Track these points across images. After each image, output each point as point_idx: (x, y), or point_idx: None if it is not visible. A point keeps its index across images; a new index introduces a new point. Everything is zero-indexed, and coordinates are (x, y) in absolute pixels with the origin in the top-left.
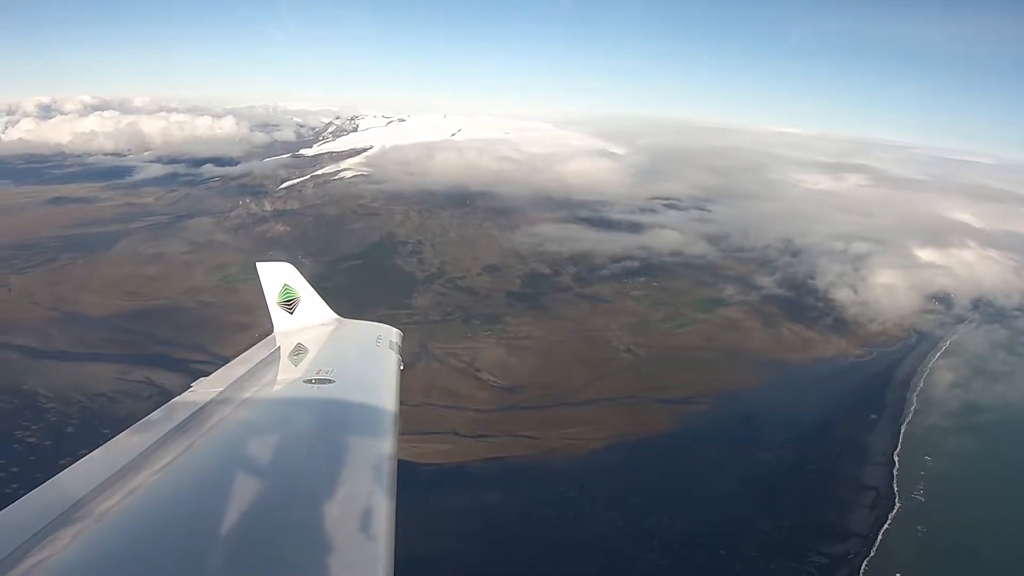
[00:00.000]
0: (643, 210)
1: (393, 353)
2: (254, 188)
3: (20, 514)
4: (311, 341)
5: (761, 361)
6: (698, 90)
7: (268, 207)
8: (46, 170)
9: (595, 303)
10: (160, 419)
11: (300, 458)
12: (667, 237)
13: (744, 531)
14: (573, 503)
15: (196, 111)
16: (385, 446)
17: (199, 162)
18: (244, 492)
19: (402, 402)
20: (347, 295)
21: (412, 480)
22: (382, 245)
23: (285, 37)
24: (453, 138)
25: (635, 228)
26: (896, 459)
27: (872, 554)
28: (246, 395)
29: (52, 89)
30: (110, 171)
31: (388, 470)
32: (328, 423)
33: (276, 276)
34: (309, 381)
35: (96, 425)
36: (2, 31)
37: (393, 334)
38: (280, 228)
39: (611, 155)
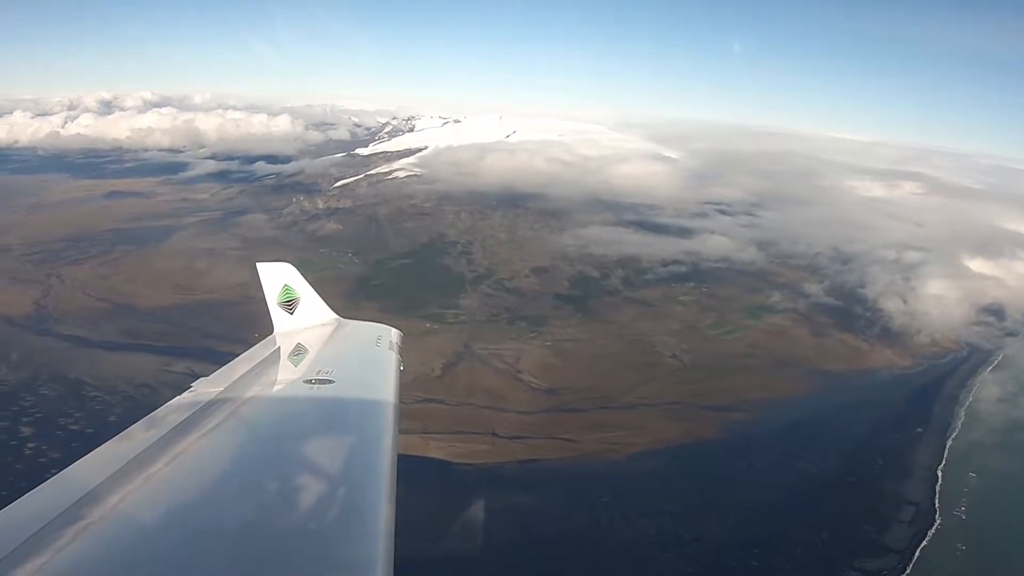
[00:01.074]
0: (694, 215)
1: (393, 353)
2: (308, 186)
3: (20, 513)
4: (311, 341)
5: (807, 370)
6: (758, 95)
7: (321, 205)
8: (104, 165)
9: (642, 307)
10: (160, 419)
11: (300, 458)
12: (716, 242)
13: (779, 542)
14: (607, 508)
15: (254, 109)
16: (385, 446)
17: (253, 159)
18: (244, 492)
19: (442, 401)
20: (395, 294)
21: (447, 479)
22: (432, 245)
23: (345, 37)
24: (507, 140)
25: (685, 233)
26: (939, 474)
27: (908, 571)
28: (246, 395)
29: (114, 85)
30: (165, 167)
31: (388, 470)
32: (328, 423)
33: (276, 276)
34: (309, 381)
35: (138, 414)
36: (67, 27)
37: (393, 334)
38: (332, 226)
39: (664, 159)
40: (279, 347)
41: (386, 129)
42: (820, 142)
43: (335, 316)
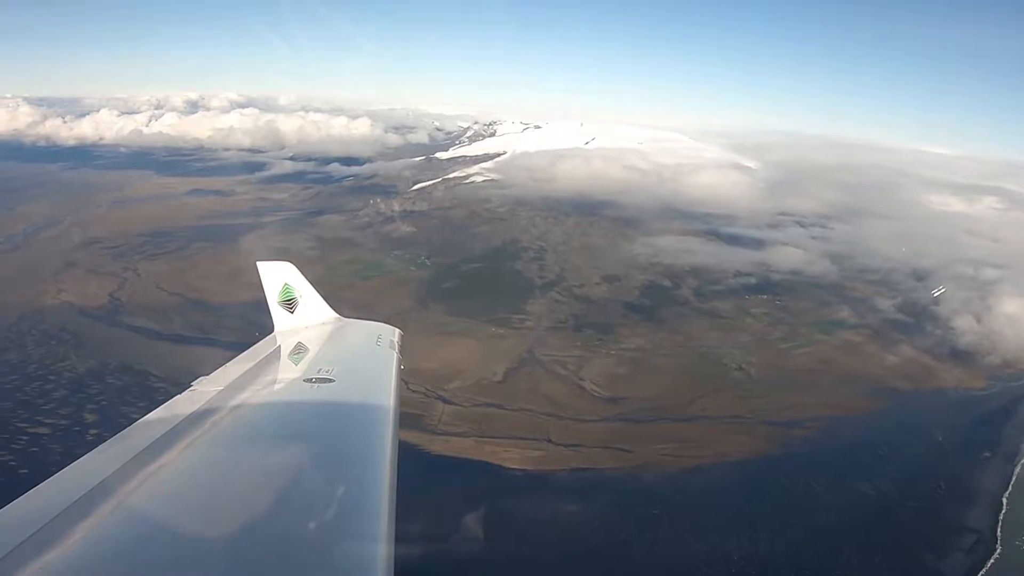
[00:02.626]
0: (768, 225)
1: (393, 352)
2: (386, 188)
3: (22, 511)
4: (311, 340)
5: (875, 387)
6: (846, 106)
7: (397, 207)
8: (188, 163)
9: (713, 318)
10: (161, 418)
11: (300, 457)
12: (790, 254)
13: (829, 564)
14: (654, 521)
15: (338, 111)
16: (385, 445)
17: (330, 161)
18: (244, 491)
19: (501, 406)
20: (464, 297)
21: (496, 484)
22: (504, 250)
23: (432, 41)
24: (586, 146)
25: (759, 244)
26: (1004, 502)
27: None
28: (246, 394)
29: (202, 85)
30: (245, 166)
31: (388, 469)
32: (328, 422)
33: (277, 275)
34: (309, 380)
35: None
36: (159, 29)
37: (393, 333)
38: (406, 228)
39: (742, 168)
40: (279, 346)
41: (467, 134)
42: (903, 155)
43: (335, 315)
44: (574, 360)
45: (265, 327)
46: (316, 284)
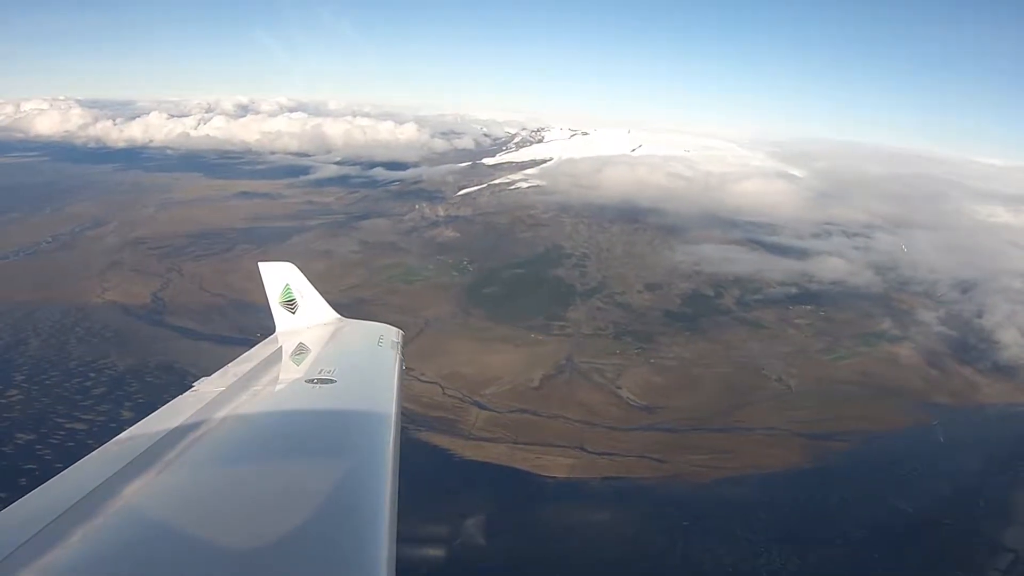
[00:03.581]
0: (813, 235)
1: (395, 353)
2: (432, 193)
3: (22, 512)
4: (313, 341)
5: (916, 401)
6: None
7: (442, 212)
8: (236, 166)
9: (754, 328)
10: (162, 418)
11: (301, 458)
12: (834, 264)
13: None
14: (684, 532)
15: (386, 116)
16: (387, 446)
17: (375, 165)
18: (245, 492)
19: (536, 412)
20: (504, 303)
21: (527, 491)
22: (547, 256)
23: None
24: (632, 153)
25: (803, 253)
26: None
27: None
28: (247, 395)
29: (252, 90)
30: (291, 170)
31: (390, 470)
32: (329, 423)
33: (278, 276)
34: (311, 381)
35: None
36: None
37: (394, 334)
38: (450, 233)
39: (788, 177)
40: (281, 346)
41: (515, 140)
42: (954, 165)
43: (336, 315)
44: (612, 368)
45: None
46: (357, 288)
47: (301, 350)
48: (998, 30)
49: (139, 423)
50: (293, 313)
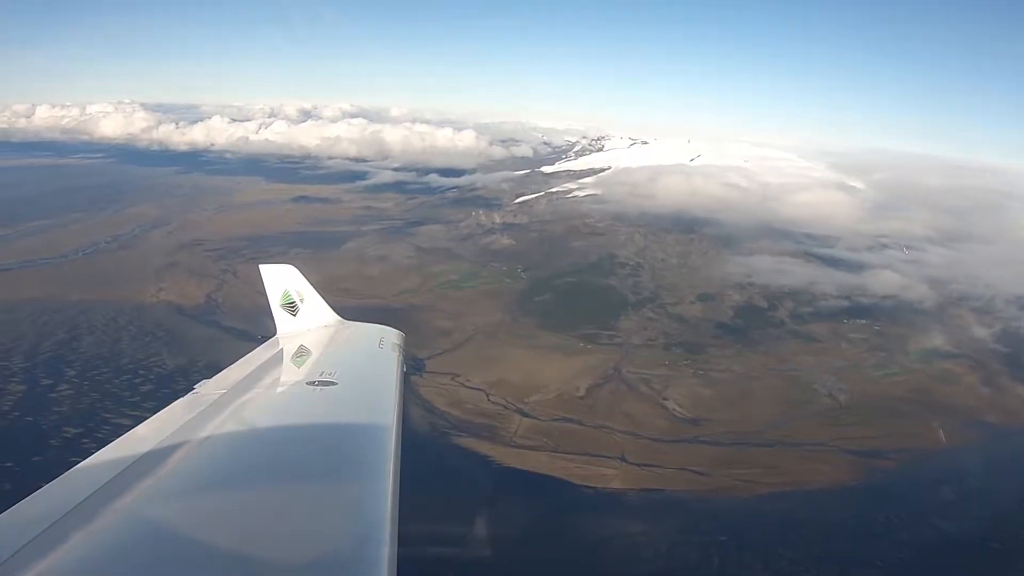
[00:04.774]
0: (869, 247)
1: (396, 355)
2: (489, 200)
3: (25, 514)
4: (313, 343)
5: (969, 420)
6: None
7: (498, 220)
8: (297, 170)
9: (807, 342)
10: (162, 421)
11: (302, 460)
12: (889, 278)
13: None
14: (721, 547)
15: (446, 123)
16: (388, 448)
17: (431, 171)
18: (246, 494)
19: (580, 422)
20: (555, 311)
21: (563, 500)
22: (600, 265)
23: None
24: (690, 163)
25: (858, 266)
26: None
27: None
28: (248, 397)
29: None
30: (349, 175)
31: (392, 472)
32: (330, 425)
33: (279, 278)
34: (311, 383)
35: None
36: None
37: (396, 336)
38: (505, 241)
39: (847, 188)
40: (281, 349)
41: (574, 148)
42: (1016, 177)
43: (337, 318)
44: (659, 379)
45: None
46: (410, 293)
47: (302, 352)
48: None
49: (139, 426)
50: (294, 315)
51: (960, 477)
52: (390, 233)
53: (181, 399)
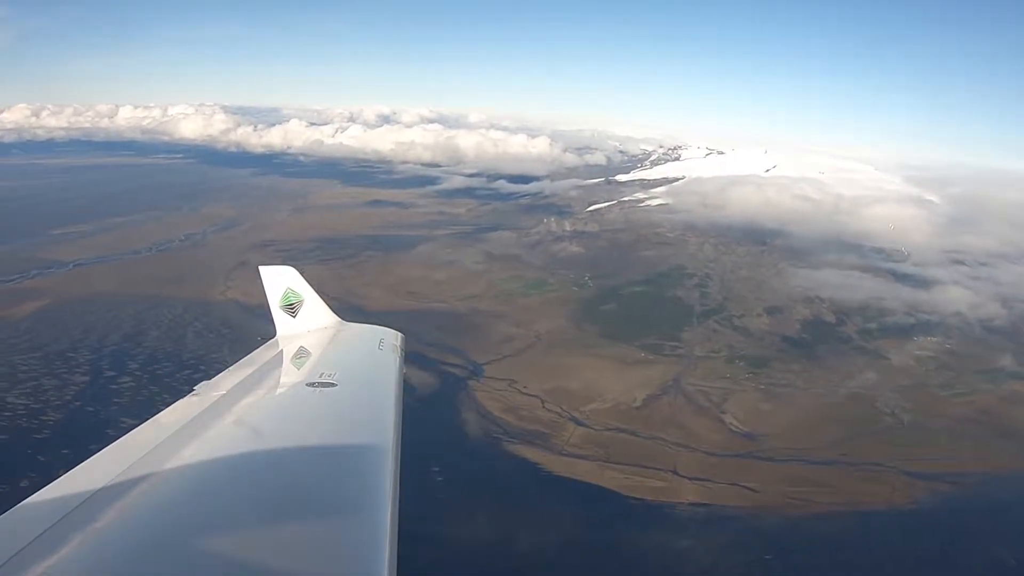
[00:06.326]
0: (940, 263)
1: (395, 356)
2: (561, 208)
3: (25, 515)
4: (313, 344)
5: None
6: None
7: (568, 227)
8: (373, 174)
9: (872, 358)
10: (163, 423)
11: (302, 461)
12: (960, 295)
13: None
14: (766, 566)
15: (522, 129)
16: (388, 449)
17: (500, 178)
18: (246, 495)
19: (634, 432)
20: (620, 320)
21: (609, 510)
22: (669, 275)
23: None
24: (765, 174)
25: (929, 282)
26: None
27: None
28: (248, 398)
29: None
30: (421, 179)
31: (391, 473)
32: (330, 426)
33: (279, 280)
34: (311, 384)
35: None
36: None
37: (395, 337)
38: (574, 248)
39: (922, 202)
40: (281, 350)
41: (650, 157)
42: None
43: (337, 319)
44: (719, 392)
45: (422, 334)
46: (475, 298)
47: (302, 354)
48: None
49: (140, 427)
50: (294, 317)
51: (1021, 504)
52: (461, 238)
53: (181, 400)
